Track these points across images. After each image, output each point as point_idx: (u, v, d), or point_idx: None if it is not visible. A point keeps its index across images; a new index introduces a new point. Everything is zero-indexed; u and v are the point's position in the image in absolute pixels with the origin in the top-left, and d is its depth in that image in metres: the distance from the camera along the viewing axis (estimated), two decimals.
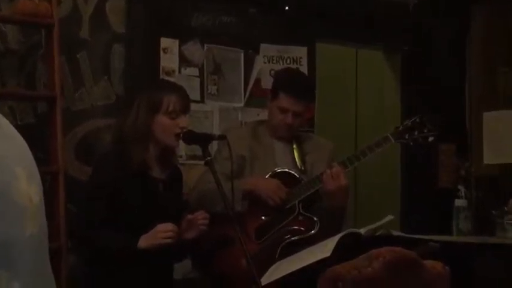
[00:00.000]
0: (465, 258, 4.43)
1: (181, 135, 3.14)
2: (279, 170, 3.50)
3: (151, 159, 3.18)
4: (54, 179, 3.64)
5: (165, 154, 3.22)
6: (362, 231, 2.97)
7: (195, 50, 4.52)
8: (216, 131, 4.27)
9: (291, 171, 3.50)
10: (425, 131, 3.44)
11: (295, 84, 3.53)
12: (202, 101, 4.51)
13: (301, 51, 4.86)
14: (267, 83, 4.48)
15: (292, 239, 3.39)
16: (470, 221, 4.96)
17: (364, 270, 2.55)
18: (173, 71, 4.41)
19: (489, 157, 5.24)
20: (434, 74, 5.43)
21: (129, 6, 4.25)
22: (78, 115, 4.06)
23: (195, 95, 4.33)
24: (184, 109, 3.17)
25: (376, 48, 5.54)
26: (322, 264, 2.73)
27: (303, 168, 3.54)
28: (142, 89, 3.28)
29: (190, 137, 3.18)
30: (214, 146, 3.54)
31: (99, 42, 4.15)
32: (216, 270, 3.43)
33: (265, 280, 2.88)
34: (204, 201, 3.36)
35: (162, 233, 3.01)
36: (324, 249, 2.86)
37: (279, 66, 4.66)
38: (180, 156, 4.11)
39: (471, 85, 5.52)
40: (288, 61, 4.81)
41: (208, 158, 2.99)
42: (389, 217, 3.09)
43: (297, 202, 3.44)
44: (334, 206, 3.41)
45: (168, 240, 3.02)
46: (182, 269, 3.70)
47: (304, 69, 4.76)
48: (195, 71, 4.51)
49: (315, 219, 3.40)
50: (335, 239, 2.89)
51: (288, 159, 3.57)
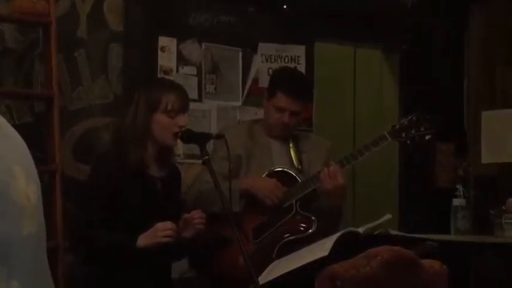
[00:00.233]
0: (463, 257, 4.43)
1: (179, 134, 3.13)
2: (276, 169, 3.50)
3: (149, 158, 3.18)
4: (51, 178, 3.63)
5: (163, 153, 3.21)
6: (360, 230, 2.97)
7: (193, 48, 4.51)
8: (214, 130, 4.27)
9: (288, 170, 3.50)
10: (422, 129, 3.42)
11: (293, 83, 3.53)
12: (200, 100, 4.50)
13: (300, 50, 4.86)
14: (265, 82, 4.46)
15: (290, 238, 3.39)
16: (468, 220, 4.95)
17: (363, 269, 2.55)
18: (171, 70, 4.40)
19: (487, 156, 5.24)
20: (432, 73, 5.43)
21: (127, 5, 4.24)
22: (75, 114, 4.05)
23: (193, 94, 4.33)
24: (183, 108, 3.16)
25: (375, 48, 5.53)
26: (320, 263, 2.72)
27: (300, 167, 3.53)
28: (140, 87, 3.27)
29: (188, 136, 3.17)
30: (210, 145, 3.53)
31: (97, 41, 4.14)
32: (214, 270, 3.43)
33: (263, 279, 2.88)
34: (201, 201, 3.36)
35: (161, 231, 3.00)
36: (321, 248, 2.85)
37: (277, 65, 4.64)
38: (178, 155, 4.11)
39: (469, 84, 5.52)
40: (286, 60, 4.80)
41: (206, 157, 2.99)
42: (387, 216, 3.09)
43: (294, 201, 3.43)
44: (332, 204, 3.41)
45: (167, 239, 3.01)
46: (180, 268, 3.69)
47: (302, 69, 4.75)
48: (193, 70, 4.51)
49: (313, 218, 3.40)
50: (333, 238, 2.88)
51: (284, 158, 3.56)
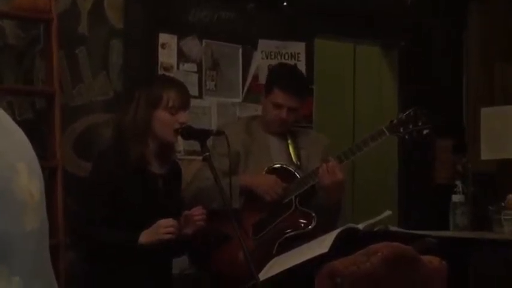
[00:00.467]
0: (462, 253, 4.43)
1: (180, 130, 3.14)
2: (275, 165, 3.50)
3: (150, 154, 3.18)
4: (52, 175, 3.63)
5: (164, 149, 3.22)
6: (360, 226, 2.98)
7: (193, 45, 4.51)
8: (214, 127, 4.28)
9: (287, 167, 3.50)
10: (419, 124, 3.42)
11: (290, 79, 3.53)
12: (200, 96, 4.50)
13: (300, 47, 4.85)
14: (265, 78, 4.47)
15: (290, 234, 3.39)
16: (467, 216, 4.96)
17: (363, 265, 2.56)
18: (171, 67, 4.40)
19: (486, 153, 5.24)
20: (432, 70, 5.43)
21: (128, 2, 4.24)
22: (76, 111, 4.05)
23: (193, 90, 4.32)
24: (184, 105, 3.17)
25: (374, 45, 5.53)
26: (320, 260, 2.73)
27: (298, 163, 3.53)
28: (141, 84, 3.27)
29: (189, 133, 3.18)
30: (209, 142, 3.53)
31: (98, 37, 4.14)
32: (213, 267, 3.43)
33: (263, 276, 2.88)
34: (200, 198, 3.36)
35: (163, 228, 3.01)
36: (321, 245, 2.86)
37: (277, 62, 4.64)
38: (179, 152, 4.11)
39: (469, 81, 5.52)
40: (286, 57, 4.80)
41: (207, 153, 3.00)
42: (387, 213, 3.10)
43: (293, 197, 3.44)
44: (330, 200, 3.41)
45: (169, 236, 3.01)
46: (180, 264, 3.70)
47: (302, 65, 4.75)
48: (193, 67, 4.51)
49: (312, 214, 3.40)
50: (333, 234, 2.89)
51: (283, 155, 3.56)
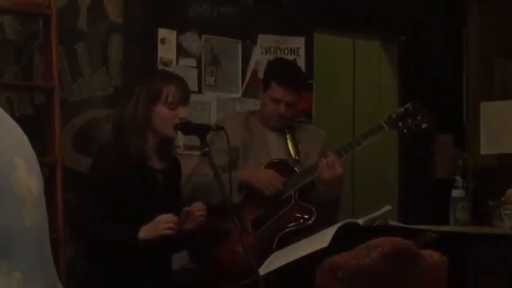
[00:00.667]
0: (462, 248, 4.44)
1: (180, 126, 3.13)
2: (274, 159, 3.50)
3: (150, 149, 3.18)
4: (52, 171, 3.63)
5: (164, 145, 3.21)
6: (360, 221, 2.98)
7: (192, 40, 4.51)
8: (213, 122, 4.27)
9: (286, 161, 3.50)
10: (418, 117, 3.42)
11: (287, 74, 3.53)
12: (199, 91, 4.50)
13: (299, 42, 4.85)
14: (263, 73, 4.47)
15: (290, 229, 3.39)
16: (467, 211, 4.97)
17: (363, 260, 2.56)
18: (171, 62, 4.40)
19: (486, 147, 5.24)
20: (431, 64, 5.43)
21: None
22: (76, 106, 4.05)
23: (192, 85, 4.32)
24: (184, 100, 3.16)
25: (373, 39, 5.53)
26: (320, 254, 2.73)
27: (297, 157, 3.53)
28: (141, 79, 3.26)
29: (188, 128, 3.18)
30: (208, 137, 3.52)
31: (97, 32, 4.14)
32: (213, 263, 3.42)
33: (263, 271, 2.89)
34: (200, 193, 3.36)
35: (163, 223, 3.00)
36: (321, 240, 2.86)
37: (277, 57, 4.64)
38: (178, 147, 4.11)
39: (468, 75, 5.51)
40: (285, 52, 4.79)
41: (207, 148, 3.00)
42: (387, 207, 3.10)
43: (293, 192, 3.43)
44: (330, 194, 3.41)
45: (169, 231, 3.01)
46: (181, 260, 3.70)
47: (301, 60, 4.74)
48: (192, 62, 4.50)
49: (312, 208, 3.40)
50: (333, 229, 2.89)
51: (281, 150, 3.56)
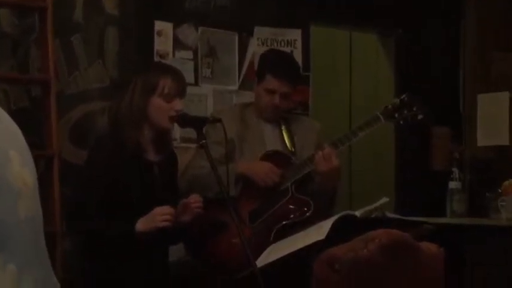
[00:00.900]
0: (459, 240, 4.45)
1: (176, 118, 3.13)
2: (269, 151, 3.49)
3: (146, 141, 3.17)
4: (48, 163, 3.63)
5: (160, 137, 3.20)
6: (357, 213, 2.98)
7: (189, 33, 4.50)
8: (210, 114, 4.26)
9: (282, 152, 3.49)
10: (414, 109, 3.42)
11: (282, 65, 3.52)
12: (196, 84, 4.49)
13: (296, 34, 4.84)
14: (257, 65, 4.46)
15: (287, 221, 3.39)
16: (464, 203, 4.98)
17: (361, 252, 2.56)
18: (167, 54, 4.39)
19: (483, 139, 5.25)
20: (428, 56, 5.42)
21: None
22: (72, 98, 4.04)
23: (189, 78, 4.31)
24: (181, 92, 3.15)
25: (370, 32, 5.52)
26: (318, 246, 2.73)
27: (292, 149, 3.53)
28: (138, 71, 3.26)
29: (185, 120, 3.17)
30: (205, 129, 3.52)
31: (93, 25, 4.13)
32: (210, 256, 3.42)
33: (260, 263, 2.89)
34: (197, 186, 3.35)
35: (159, 216, 3.00)
36: (318, 232, 2.86)
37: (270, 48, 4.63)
38: (175, 139, 4.11)
39: (465, 67, 5.51)
40: (282, 44, 4.78)
41: (203, 141, 2.99)
42: (384, 199, 3.09)
43: (289, 184, 3.43)
44: (327, 186, 3.41)
45: (166, 223, 3.01)
46: (178, 252, 3.70)
47: (298, 52, 4.74)
48: (189, 54, 4.50)
49: (309, 201, 3.40)
50: (330, 221, 2.89)
51: (277, 141, 3.55)
